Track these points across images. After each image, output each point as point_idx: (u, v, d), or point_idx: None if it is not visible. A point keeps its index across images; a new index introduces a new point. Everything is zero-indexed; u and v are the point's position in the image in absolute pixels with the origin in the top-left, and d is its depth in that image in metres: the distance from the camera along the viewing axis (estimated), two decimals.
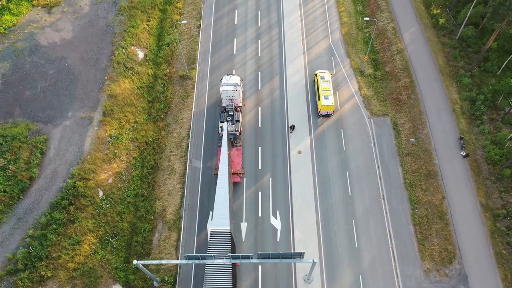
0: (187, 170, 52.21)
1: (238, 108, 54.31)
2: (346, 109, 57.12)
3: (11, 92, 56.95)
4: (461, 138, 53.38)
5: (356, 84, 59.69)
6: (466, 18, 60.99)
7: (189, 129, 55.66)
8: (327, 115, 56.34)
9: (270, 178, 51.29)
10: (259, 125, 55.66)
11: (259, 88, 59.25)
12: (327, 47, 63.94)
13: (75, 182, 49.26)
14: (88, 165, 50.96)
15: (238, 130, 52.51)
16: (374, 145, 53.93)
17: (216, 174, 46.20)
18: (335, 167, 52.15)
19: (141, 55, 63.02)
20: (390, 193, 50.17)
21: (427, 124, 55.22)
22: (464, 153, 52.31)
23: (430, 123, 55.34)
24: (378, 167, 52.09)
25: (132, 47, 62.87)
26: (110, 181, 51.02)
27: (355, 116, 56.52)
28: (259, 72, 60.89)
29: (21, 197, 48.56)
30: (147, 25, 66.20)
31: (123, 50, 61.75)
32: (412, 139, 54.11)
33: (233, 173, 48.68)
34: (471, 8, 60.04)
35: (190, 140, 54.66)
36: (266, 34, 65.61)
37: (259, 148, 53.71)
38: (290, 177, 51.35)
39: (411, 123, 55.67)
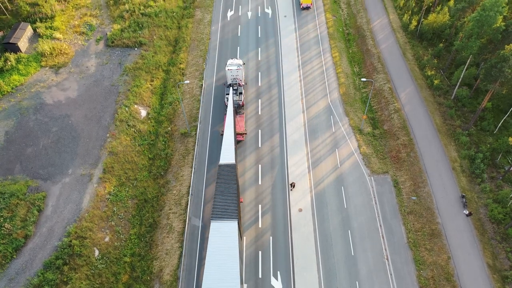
0: (186, 229, 51.23)
1: (241, 84, 64.92)
2: (346, 167, 57.22)
3: (13, 149, 57.38)
4: (463, 196, 52.98)
5: (355, 142, 60.32)
6: (460, 80, 63.04)
7: (189, 186, 55.37)
8: (307, 8, 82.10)
9: (271, 237, 50.19)
10: (259, 183, 55.49)
11: (259, 146, 59.82)
12: (325, 106, 65.43)
13: (71, 241, 48.11)
14: (86, 223, 50.06)
15: (241, 100, 62.78)
16: (376, 203, 53.39)
17: (222, 135, 54.11)
18: (337, 225, 51.24)
19: (143, 113, 64.31)
20: (394, 253, 48.86)
21: (428, 182, 55.07)
22: (467, 212, 51.66)
23: (431, 181, 55.21)
24: (381, 226, 51.18)
25: (135, 106, 64.32)
26: (107, 239, 49.85)
27: (355, 174, 56.49)
28: (259, 130, 61.78)
29: (14, 256, 47.19)
30: (150, 84, 68.24)
31: (126, 109, 63.12)
32: (414, 197, 53.67)
33: (237, 134, 58.55)
34: (464, 70, 62.26)
35: (189, 197, 54.20)
36: (266, 93, 67.43)
37: (259, 205, 53.13)
38: (291, 236, 50.26)
39: (412, 181, 55.52)
